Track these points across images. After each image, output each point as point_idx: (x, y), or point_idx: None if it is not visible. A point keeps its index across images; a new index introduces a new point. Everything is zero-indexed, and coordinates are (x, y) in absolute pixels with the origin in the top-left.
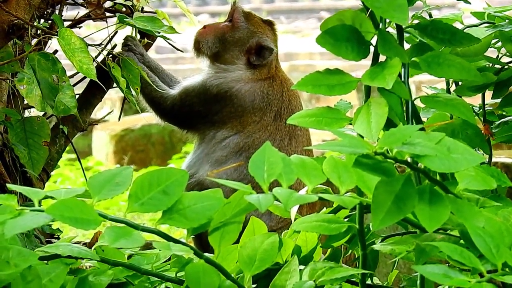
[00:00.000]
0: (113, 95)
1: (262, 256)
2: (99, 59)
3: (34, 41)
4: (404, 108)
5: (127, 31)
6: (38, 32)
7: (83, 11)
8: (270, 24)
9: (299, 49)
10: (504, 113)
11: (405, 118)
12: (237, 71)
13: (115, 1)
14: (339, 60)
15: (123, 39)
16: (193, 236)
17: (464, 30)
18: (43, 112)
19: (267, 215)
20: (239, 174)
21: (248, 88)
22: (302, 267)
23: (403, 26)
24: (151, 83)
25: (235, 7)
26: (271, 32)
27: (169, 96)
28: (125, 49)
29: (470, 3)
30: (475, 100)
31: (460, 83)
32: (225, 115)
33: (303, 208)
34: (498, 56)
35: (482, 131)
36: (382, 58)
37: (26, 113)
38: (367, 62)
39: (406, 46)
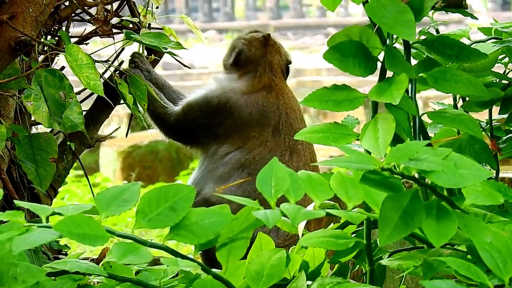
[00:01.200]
0: (120, 112)
1: (270, 272)
2: (106, 75)
3: (41, 58)
4: (411, 124)
5: (134, 47)
6: (45, 48)
7: (90, 28)
8: (264, 37)
9: (306, 65)
10: (511, 129)
11: (412, 134)
12: (227, 79)
13: (122, 18)
14: (346, 76)
15: (130, 56)
16: (200, 252)
17: (471, 46)
18: (50, 129)
19: (274, 232)
20: (243, 192)
21: (244, 100)
22: (309, 282)
23: (410, 42)
24: (157, 99)
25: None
26: (258, 42)
27: (173, 112)
28: (132, 66)
29: (477, 18)
30: (482, 116)
31: (467, 98)
32: (227, 128)
33: (311, 223)
34: (505, 71)
35: (489, 147)
36: (389, 74)
37: (33, 130)
38: (374, 78)
39: (413, 61)
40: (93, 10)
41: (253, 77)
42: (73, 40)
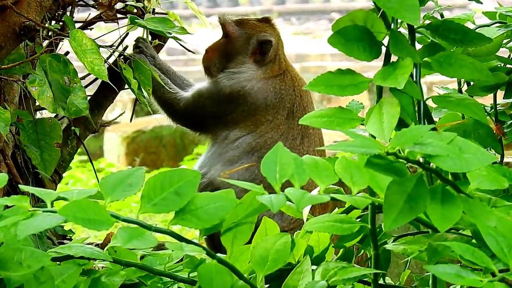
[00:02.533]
0: (125, 97)
1: (275, 257)
2: (110, 60)
3: (45, 43)
4: (416, 108)
5: (138, 32)
6: (50, 33)
7: (94, 13)
8: (267, 20)
9: (310, 50)
10: None
11: (417, 118)
12: (249, 71)
13: (126, 3)
14: (351, 61)
15: (134, 41)
16: (205, 236)
17: (476, 30)
18: (54, 114)
19: (279, 216)
20: (251, 174)
21: (261, 86)
22: (314, 267)
23: (415, 26)
24: (164, 85)
25: (223, 21)
26: (270, 27)
27: (182, 98)
28: (136, 51)
29: (481, 3)
30: (486, 100)
31: (472, 83)
32: (238, 115)
33: (316, 208)
34: (510, 56)
35: (494, 131)
36: (393, 58)
37: (38, 115)
38: (378, 63)
39: (418, 46)
40: None
41: (272, 63)
42: (78, 25)
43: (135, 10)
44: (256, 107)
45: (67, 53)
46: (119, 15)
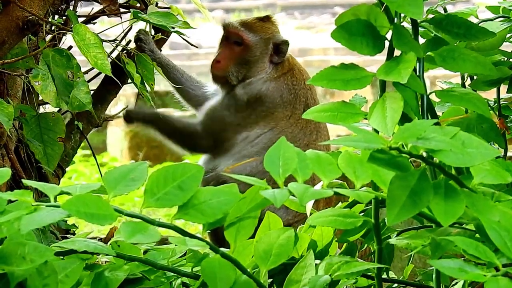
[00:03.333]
0: (128, 91)
1: (278, 251)
2: (114, 55)
3: (48, 37)
4: (419, 103)
5: (141, 26)
6: (53, 28)
7: (97, 7)
8: (269, 19)
9: (313, 44)
10: None
11: (420, 113)
12: (262, 74)
13: None
14: (354, 55)
15: (135, 34)
16: (208, 231)
17: (479, 24)
18: (58, 108)
19: (284, 209)
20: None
21: (274, 85)
22: (317, 261)
23: (418, 21)
24: (183, 126)
25: (234, 29)
26: (273, 25)
27: (197, 123)
28: (136, 45)
29: None
30: (490, 95)
31: (475, 77)
32: (257, 116)
33: (320, 202)
34: None
35: (497, 125)
36: (397, 52)
37: (41, 109)
38: (381, 57)
39: (421, 40)
40: None
41: (282, 64)
42: (81, 19)
43: (138, 4)
44: (273, 105)
45: (70, 47)
46: (122, 10)
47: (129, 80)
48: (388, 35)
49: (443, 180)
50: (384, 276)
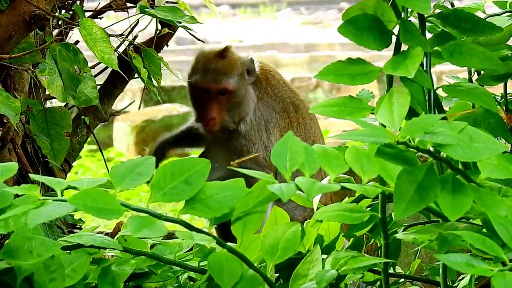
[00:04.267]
0: (134, 86)
1: (285, 246)
2: (120, 49)
3: (55, 32)
4: (426, 98)
5: (148, 21)
6: (60, 22)
7: (104, 2)
8: (227, 50)
9: (319, 40)
10: None
11: (427, 107)
12: (251, 104)
13: None
14: (360, 50)
15: None
16: (215, 225)
17: (486, 19)
18: (64, 103)
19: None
20: None
21: (263, 105)
22: (324, 256)
23: (425, 16)
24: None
25: (217, 84)
26: (234, 53)
27: (265, 158)
28: None
29: None
30: (497, 90)
31: (482, 72)
32: (269, 133)
33: (327, 197)
34: None
35: (504, 120)
36: (404, 47)
37: (48, 104)
38: (387, 53)
39: (428, 35)
40: None
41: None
42: (87, 14)
43: None
44: (274, 119)
45: (77, 42)
46: (128, 4)
47: (136, 75)
48: (395, 30)
49: (450, 175)
50: (391, 271)
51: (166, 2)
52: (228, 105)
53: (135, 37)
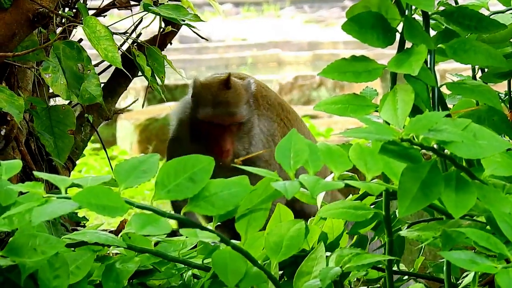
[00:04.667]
0: (138, 84)
1: (289, 243)
2: (124, 48)
3: (59, 30)
4: (430, 95)
5: (151, 19)
6: (63, 20)
7: (107, 0)
8: (229, 79)
9: (322, 38)
10: None
11: (431, 105)
12: (255, 124)
13: None
14: (364, 49)
15: None
16: (219, 223)
17: (490, 17)
18: (68, 101)
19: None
20: None
21: (263, 119)
22: (328, 253)
23: (429, 13)
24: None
25: (235, 119)
26: (235, 80)
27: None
28: None
29: None
30: (501, 87)
31: (486, 69)
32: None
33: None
34: None
35: (508, 118)
36: (408, 45)
37: (52, 102)
38: (391, 51)
39: (432, 33)
40: None
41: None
42: (91, 12)
43: None
44: (275, 130)
45: (80, 40)
46: (132, 2)
47: (140, 73)
48: (399, 28)
49: (454, 172)
50: (395, 268)
51: (170, 0)
52: (240, 134)
53: (139, 35)
